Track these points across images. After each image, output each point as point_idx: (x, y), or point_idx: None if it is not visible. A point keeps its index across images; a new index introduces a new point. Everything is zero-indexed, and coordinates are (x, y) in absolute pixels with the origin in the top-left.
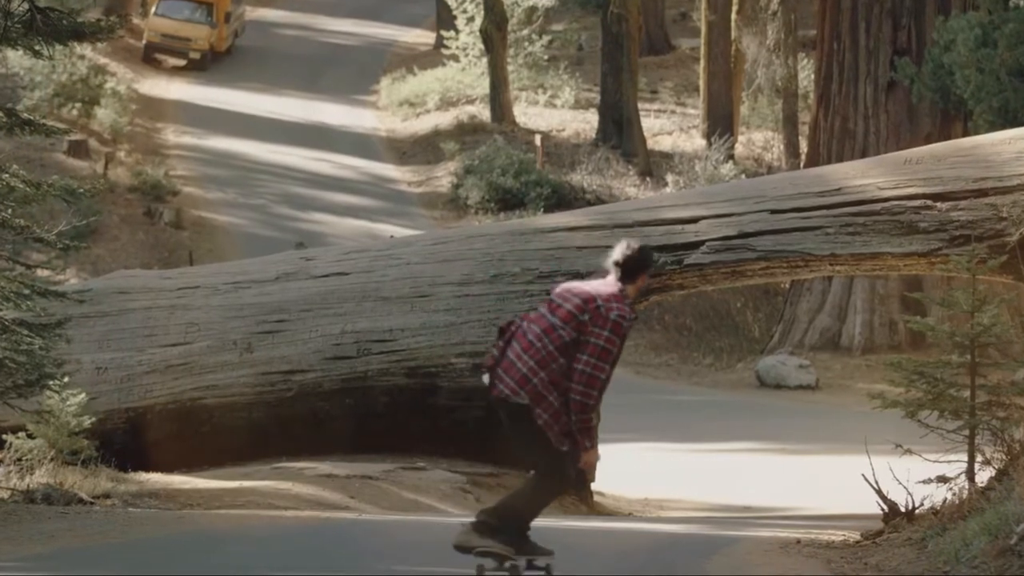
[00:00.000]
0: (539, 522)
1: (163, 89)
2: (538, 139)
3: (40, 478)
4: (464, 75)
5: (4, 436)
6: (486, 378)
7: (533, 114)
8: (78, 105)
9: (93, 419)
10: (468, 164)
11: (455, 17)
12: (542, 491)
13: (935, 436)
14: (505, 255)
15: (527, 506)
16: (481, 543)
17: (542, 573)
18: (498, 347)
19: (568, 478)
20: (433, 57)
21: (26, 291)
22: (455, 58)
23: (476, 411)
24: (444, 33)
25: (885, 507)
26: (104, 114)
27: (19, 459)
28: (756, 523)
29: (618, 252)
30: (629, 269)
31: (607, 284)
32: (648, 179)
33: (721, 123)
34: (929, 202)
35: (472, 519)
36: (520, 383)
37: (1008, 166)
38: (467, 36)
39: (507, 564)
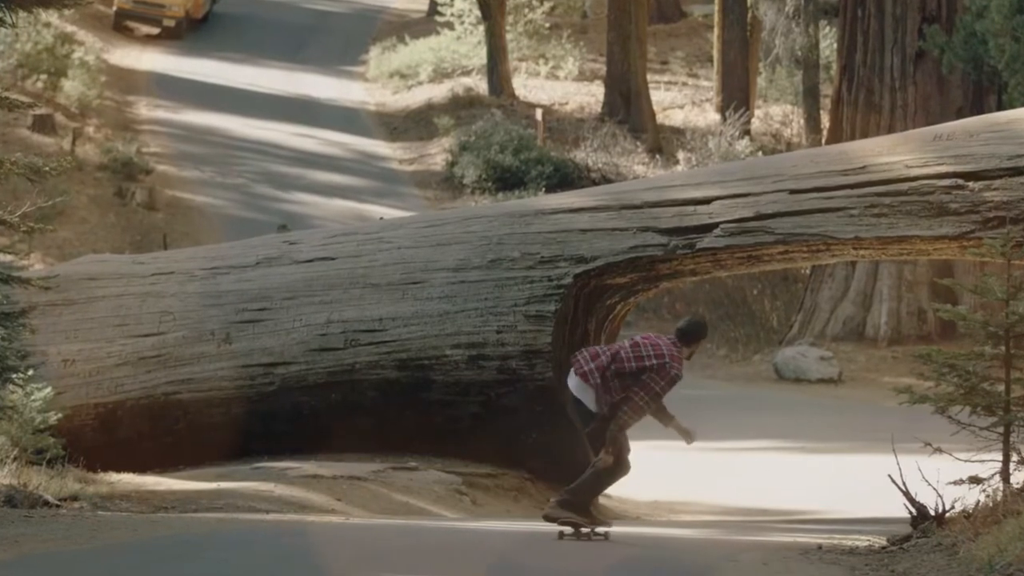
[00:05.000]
0: (542, 526)
1: (135, 59)
2: (539, 113)
3: (2, 479)
4: (459, 44)
5: None
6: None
7: (534, 86)
8: (43, 77)
9: (60, 415)
10: (464, 140)
11: None
12: (608, 477)
13: (967, 433)
14: (504, 238)
15: (592, 487)
16: (564, 515)
17: (602, 537)
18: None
19: (624, 465)
20: (426, 25)
21: None
22: (450, 26)
23: (472, 407)
24: None
25: (913, 510)
26: (71, 86)
27: None
28: (774, 527)
29: (683, 322)
30: (687, 335)
31: (674, 345)
32: (658, 156)
33: (736, 96)
34: (961, 181)
35: (556, 498)
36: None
37: None
38: (463, 2)
39: (583, 530)
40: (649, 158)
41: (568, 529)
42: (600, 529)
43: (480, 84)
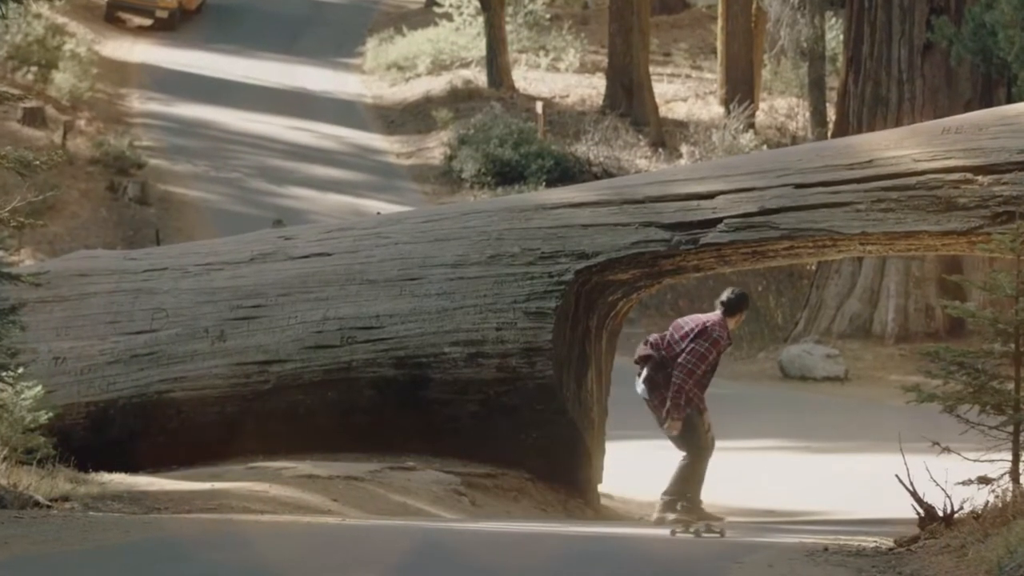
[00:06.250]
0: (543, 527)
1: (127, 51)
2: (539, 106)
3: None
4: (458, 36)
5: None
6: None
7: (534, 79)
8: (34, 69)
9: (50, 414)
10: (463, 134)
11: None
12: (694, 465)
13: (976, 433)
14: (503, 234)
15: (687, 479)
16: (670, 515)
17: (717, 535)
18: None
19: (704, 450)
20: (424, 16)
21: None
22: (448, 17)
23: (471, 406)
24: None
25: (921, 511)
26: (62, 79)
27: None
28: (779, 528)
29: (724, 295)
30: (731, 306)
31: (715, 315)
32: (660, 150)
33: (740, 89)
34: (970, 175)
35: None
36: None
37: None
38: None
39: (692, 528)
40: (652, 152)
41: (679, 528)
42: (716, 526)
43: (479, 76)
